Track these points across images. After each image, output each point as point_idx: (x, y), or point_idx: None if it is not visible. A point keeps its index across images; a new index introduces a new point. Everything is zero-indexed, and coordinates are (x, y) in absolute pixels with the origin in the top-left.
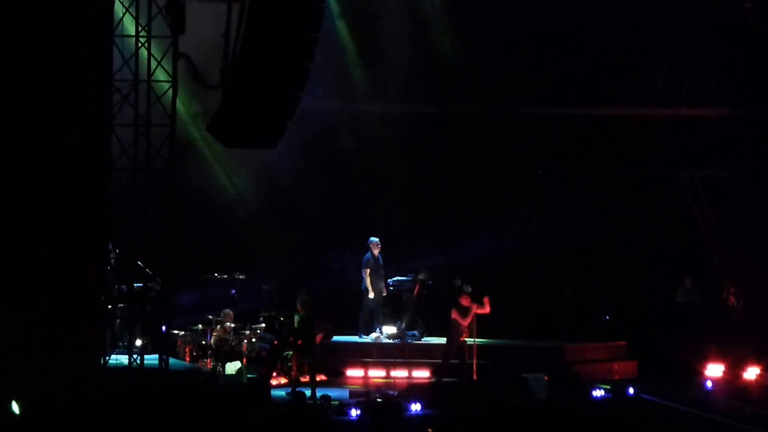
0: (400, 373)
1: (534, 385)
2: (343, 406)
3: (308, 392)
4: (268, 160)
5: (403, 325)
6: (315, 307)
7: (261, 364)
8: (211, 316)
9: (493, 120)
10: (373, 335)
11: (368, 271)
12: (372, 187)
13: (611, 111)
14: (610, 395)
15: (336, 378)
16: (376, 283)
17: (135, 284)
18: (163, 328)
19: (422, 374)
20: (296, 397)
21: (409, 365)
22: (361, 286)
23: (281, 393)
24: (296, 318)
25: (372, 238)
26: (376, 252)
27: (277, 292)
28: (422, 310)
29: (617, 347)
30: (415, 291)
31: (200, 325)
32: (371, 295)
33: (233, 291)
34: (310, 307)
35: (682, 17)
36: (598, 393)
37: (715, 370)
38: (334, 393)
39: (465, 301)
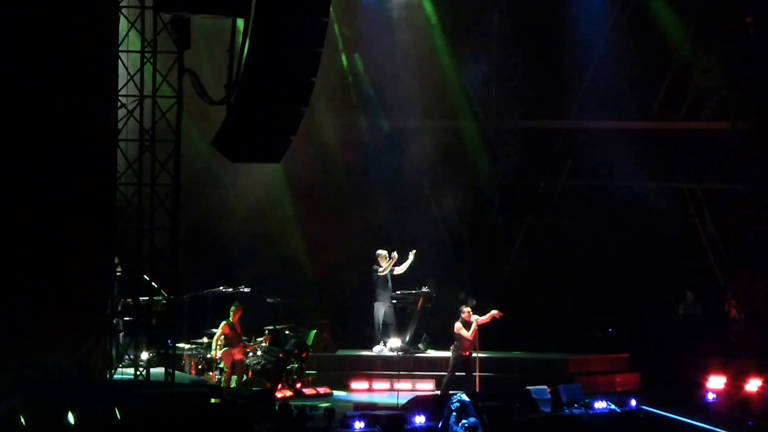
0: (404, 386)
1: (537, 397)
2: (346, 419)
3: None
4: (272, 172)
5: (408, 338)
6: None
7: (266, 376)
8: (216, 330)
9: (495, 133)
10: (377, 348)
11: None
12: (377, 199)
13: (613, 125)
14: (612, 407)
15: (340, 391)
16: (384, 295)
17: (140, 298)
18: (169, 341)
19: (426, 387)
20: (282, 408)
21: (414, 378)
22: (374, 299)
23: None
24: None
25: (380, 251)
26: (383, 263)
27: (281, 305)
28: (426, 323)
29: (620, 359)
30: (419, 304)
31: (205, 339)
32: (380, 307)
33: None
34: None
35: (683, 31)
36: (600, 405)
37: (717, 382)
38: (337, 405)
39: (467, 316)
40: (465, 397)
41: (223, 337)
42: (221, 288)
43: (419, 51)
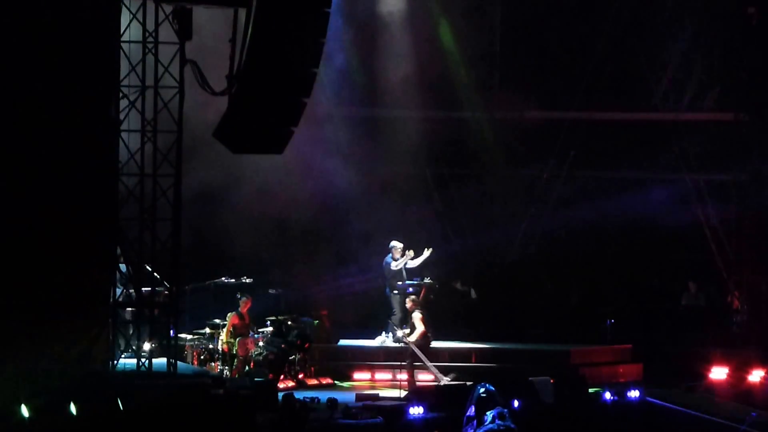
0: (405, 376)
1: (540, 388)
2: (349, 409)
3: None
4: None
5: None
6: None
7: (268, 367)
8: (218, 320)
9: (498, 124)
10: (379, 339)
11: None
12: (378, 191)
13: (616, 115)
14: (615, 398)
15: (342, 381)
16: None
17: (143, 288)
18: (171, 332)
19: (428, 378)
20: (285, 400)
21: (416, 369)
22: (385, 291)
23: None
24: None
25: (394, 242)
26: (398, 255)
27: (284, 295)
28: (429, 314)
29: (623, 350)
30: (422, 295)
31: (208, 329)
32: (396, 299)
33: (238, 295)
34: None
35: (685, 22)
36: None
37: (719, 373)
38: (340, 396)
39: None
40: (491, 387)
41: (232, 327)
42: (223, 279)
43: (422, 41)
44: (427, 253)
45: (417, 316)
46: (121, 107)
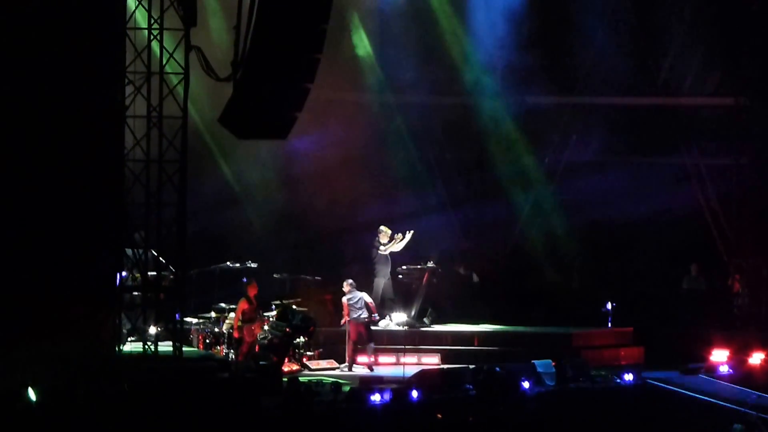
0: (409, 360)
1: (542, 371)
2: (353, 393)
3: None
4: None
5: (413, 313)
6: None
7: (273, 351)
8: (223, 304)
9: (500, 109)
10: (383, 323)
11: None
12: (379, 175)
13: (617, 100)
14: (616, 381)
15: (346, 365)
16: (384, 270)
17: (149, 273)
18: (177, 316)
19: (432, 360)
20: (290, 383)
21: (419, 352)
22: (373, 275)
23: None
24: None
25: (382, 227)
26: (384, 240)
27: (289, 280)
28: (432, 298)
29: (624, 333)
30: (425, 279)
31: (213, 314)
32: (380, 282)
33: (244, 279)
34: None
35: (686, 6)
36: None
37: (720, 356)
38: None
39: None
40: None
41: (241, 313)
42: (228, 263)
43: (425, 28)
44: (408, 235)
45: (345, 298)
46: (127, 93)
